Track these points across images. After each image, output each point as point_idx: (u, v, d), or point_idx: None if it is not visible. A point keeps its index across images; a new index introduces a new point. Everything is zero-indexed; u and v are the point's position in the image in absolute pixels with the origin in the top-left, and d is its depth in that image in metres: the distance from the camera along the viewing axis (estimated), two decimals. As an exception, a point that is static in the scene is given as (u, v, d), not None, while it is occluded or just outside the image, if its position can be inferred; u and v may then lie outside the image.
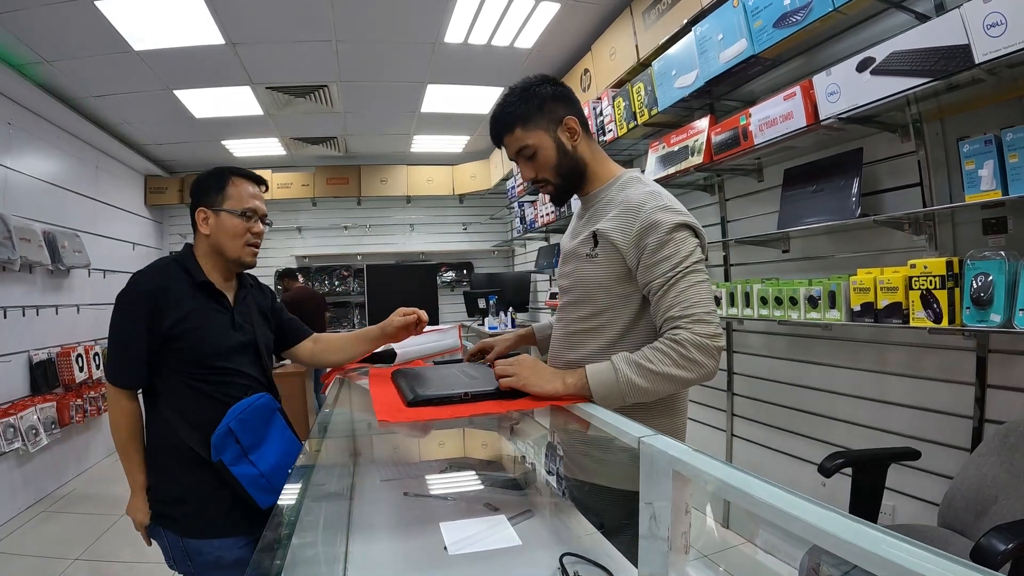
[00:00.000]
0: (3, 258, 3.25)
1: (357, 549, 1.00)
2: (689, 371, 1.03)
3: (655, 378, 1.03)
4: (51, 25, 3.02)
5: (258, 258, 1.48)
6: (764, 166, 2.61)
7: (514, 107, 1.21)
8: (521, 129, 1.21)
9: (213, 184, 1.42)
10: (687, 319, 1.05)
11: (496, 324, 4.88)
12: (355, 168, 6.14)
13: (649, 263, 1.10)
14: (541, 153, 1.22)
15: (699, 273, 1.10)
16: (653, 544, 0.68)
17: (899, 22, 1.87)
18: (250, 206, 1.41)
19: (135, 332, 1.30)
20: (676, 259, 1.09)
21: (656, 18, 2.82)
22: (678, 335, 1.04)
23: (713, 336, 1.04)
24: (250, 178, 1.46)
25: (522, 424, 1.44)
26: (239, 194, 1.41)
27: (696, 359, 1.03)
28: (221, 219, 1.39)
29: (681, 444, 0.70)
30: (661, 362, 1.03)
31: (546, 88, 1.22)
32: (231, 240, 1.39)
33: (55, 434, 3.64)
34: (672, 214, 1.11)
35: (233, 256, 1.41)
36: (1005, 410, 1.71)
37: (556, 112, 1.21)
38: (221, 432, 1.28)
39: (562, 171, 1.24)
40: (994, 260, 1.51)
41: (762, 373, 2.69)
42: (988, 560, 1.08)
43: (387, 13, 3.21)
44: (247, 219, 1.40)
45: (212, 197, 1.41)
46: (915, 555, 0.41)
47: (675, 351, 1.03)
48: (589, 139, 1.27)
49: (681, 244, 1.10)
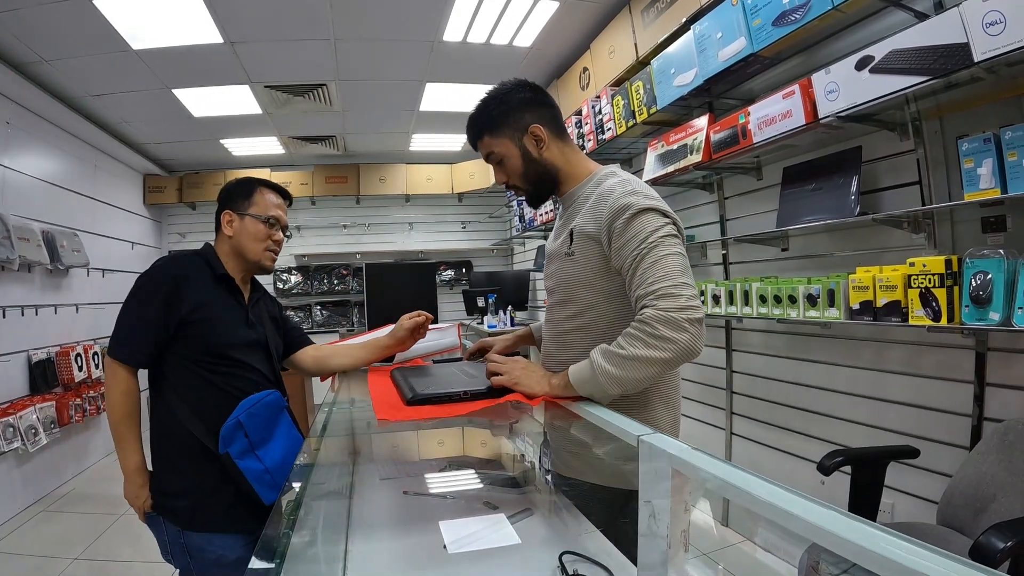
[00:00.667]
0: (2, 258, 3.24)
1: (357, 548, 1.01)
2: (661, 350, 0.98)
3: (629, 364, 0.99)
4: (50, 24, 3.01)
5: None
6: (763, 164, 2.61)
7: (482, 115, 1.25)
8: (488, 136, 1.25)
9: (242, 191, 1.50)
10: (651, 295, 1.02)
11: (495, 323, 4.88)
12: (354, 167, 6.13)
13: (618, 246, 1.10)
14: (507, 161, 1.25)
15: (666, 246, 1.06)
16: (652, 542, 0.68)
17: (898, 20, 1.87)
18: (274, 214, 1.50)
19: (148, 311, 1.32)
20: (642, 236, 1.06)
21: (655, 16, 2.82)
22: (643, 314, 1.01)
23: (682, 309, 0.99)
24: (276, 190, 1.55)
25: (521, 422, 1.44)
26: (264, 202, 1.50)
27: (664, 335, 0.98)
28: (245, 223, 1.47)
29: (680, 442, 0.70)
30: (632, 346, 1.00)
31: (516, 95, 1.24)
32: (253, 243, 1.47)
33: (54, 434, 3.63)
34: (640, 198, 1.10)
35: (253, 258, 1.47)
36: (1004, 408, 1.71)
37: (522, 120, 1.22)
38: (231, 424, 1.29)
39: (530, 178, 1.25)
40: (993, 258, 1.51)
41: (761, 371, 2.70)
42: (987, 558, 1.09)
43: (386, 12, 3.20)
44: (270, 226, 1.49)
45: (239, 202, 1.49)
46: (914, 553, 0.41)
47: (643, 331, 1.00)
48: (562, 142, 1.27)
49: (648, 222, 1.08)
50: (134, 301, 1.34)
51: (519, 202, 5.18)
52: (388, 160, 6.20)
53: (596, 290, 1.17)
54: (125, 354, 1.33)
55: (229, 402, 1.33)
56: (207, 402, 1.33)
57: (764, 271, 2.61)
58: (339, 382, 1.61)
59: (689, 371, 3.11)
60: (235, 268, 1.47)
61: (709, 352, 3.00)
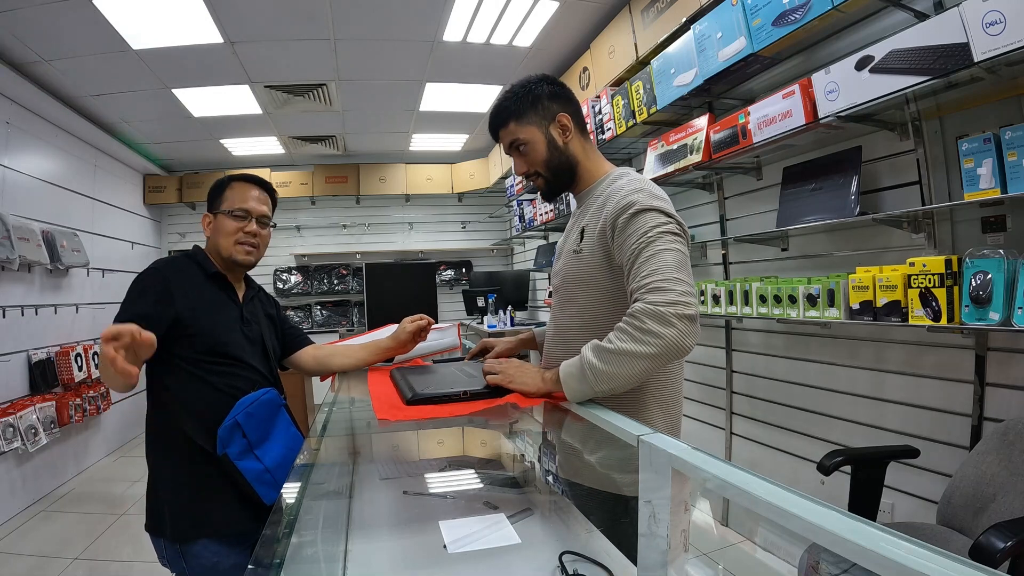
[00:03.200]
0: (2, 257, 3.24)
1: (357, 548, 1.00)
2: (648, 345, 0.95)
3: (616, 358, 0.97)
4: (49, 24, 3.01)
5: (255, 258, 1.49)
6: (763, 164, 2.61)
7: (510, 102, 1.26)
8: (515, 123, 1.25)
9: (216, 190, 1.49)
10: (642, 289, 1.00)
11: (495, 322, 4.89)
12: (354, 167, 6.13)
13: (619, 242, 1.10)
14: (532, 147, 1.25)
15: (664, 242, 1.04)
16: (652, 542, 0.68)
17: (898, 20, 1.87)
18: (242, 207, 1.45)
19: (139, 307, 1.29)
20: (641, 231, 1.06)
21: (655, 16, 2.82)
22: (633, 308, 1.00)
23: (671, 303, 0.96)
24: (250, 181, 1.51)
25: (521, 422, 1.44)
26: (233, 196, 1.46)
27: (651, 329, 0.95)
28: (218, 220, 1.45)
29: (680, 442, 0.70)
30: (620, 340, 0.98)
31: (543, 87, 1.26)
32: (223, 238, 1.44)
33: (54, 433, 3.63)
34: (645, 196, 1.11)
35: (225, 254, 1.44)
36: (1004, 408, 1.71)
37: (550, 109, 1.24)
38: (228, 425, 1.28)
39: (551, 166, 1.26)
40: (993, 258, 1.51)
41: (761, 371, 2.70)
42: (987, 558, 1.09)
43: (386, 11, 3.20)
44: (238, 219, 1.44)
45: (214, 202, 1.48)
46: (914, 553, 0.41)
47: (631, 325, 0.98)
48: (583, 138, 1.29)
49: (649, 219, 1.07)
50: (126, 301, 1.32)
51: (519, 202, 5.18)
52: (388, 160, 6.20)
53: (599, 288, 1.18)
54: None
55: (226, 402, 1.31)
56: (205, 402, 1.32)
57: (764, 271, 2.61)
58: (339, 382, 1.61)
59: (689, 371, 3.11)
60: (221, 267, 1.47)
61: (709, 352, 3.00)
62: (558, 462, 1.34)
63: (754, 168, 2.64)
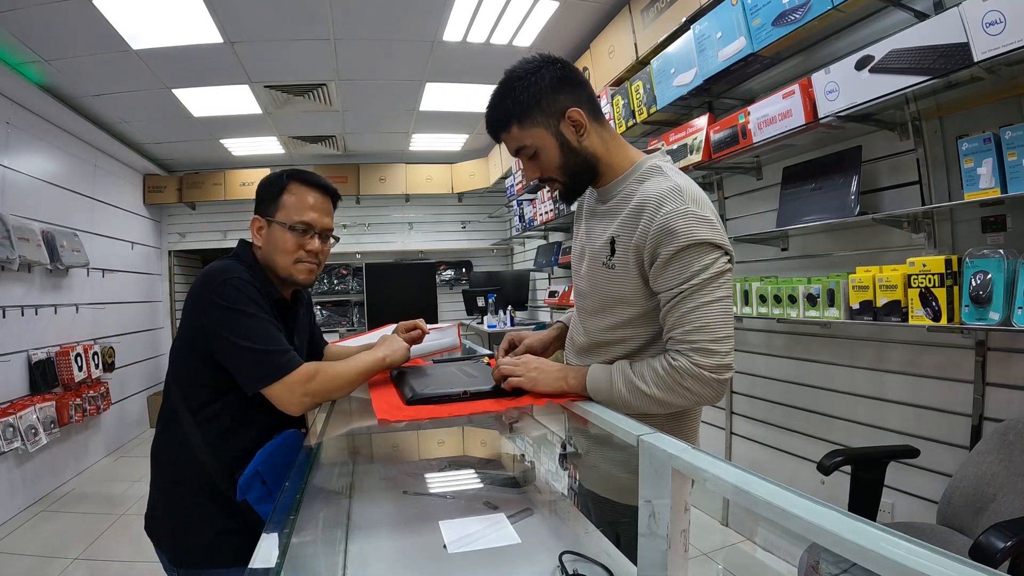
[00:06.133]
0: (2, 257, 3.24)
1: (356, 548, 1.00)
2: (683, 397, 0.99)
3: (646, 400, 1.00)
4: (49, 24, 3.01)
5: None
6: (763, 164, 2.61)
7: (509, 101, 1.06)
8: (518, 127, 1.07)
9: (270, 190, 1.26)
10: (688, 344, 0.97)
11: (495, 322, 4.89)
12: (354, 167, 6.13)
13: (660, 271, 1.01)
14: (543, 153, 1.08)
15: (712, 288, 0.97)
16: (652, 542, 0.68)
17: (898, 20, 1.87)
18: (304, 219, 1.24)
19: (271, 323, 1.16)
20: (689, 271, 0.97)
21: (655, 16, 2.82)
22: (676, 361, 0.97)
23: (716, 368, 0.96)
24: (313, 185, 1.27)
25: (521, 422, 1.44)
26: (295, 203, 1.24)
27: (691, 388, 0.97)
28: (273, 231, 1.24)
29: (680, 442, 0.70)
30: (656, 385, 0.99)
31: (545, 74, 1.05)
32: (280, 256, 1.24)
33: (54, 433, 3.63)
34: (694, 223, 0.97)
35: (283, 274, 1.26)
36: (1004, 408, 1.71)
37: (557, 104, 1.05)
38: (249, 474, 1.15)
39: (569, 170, 1.10)
40: (993, 258, 1.51)
41: (761, 371, 2.70)
42: (987, 558, 1.09)
43: (385, 11, 3.20)
44: (299, 233, 1.24)
45: (267, 204, 1.26)
46: (914, 553, 0.41)
47: (671, 377, 0.98)
48: (601, 127, 1.11)
49: (699, 258, 0.97)
50: (250, 320, 1.12)
51: (519, 202, 5.18)
52: (388, 160, 6.20)
53: (637, 307, 1.08)
54: (294, 361, 1.13)
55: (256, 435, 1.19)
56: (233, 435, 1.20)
57: (764, 271, 2.61)
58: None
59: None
60: (277, 283, 1.27)
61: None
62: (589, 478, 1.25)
63: (754, 168, 2.64)
